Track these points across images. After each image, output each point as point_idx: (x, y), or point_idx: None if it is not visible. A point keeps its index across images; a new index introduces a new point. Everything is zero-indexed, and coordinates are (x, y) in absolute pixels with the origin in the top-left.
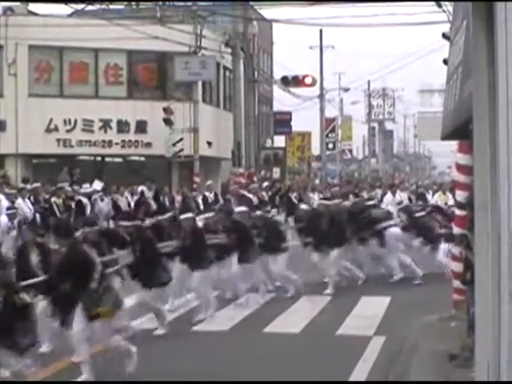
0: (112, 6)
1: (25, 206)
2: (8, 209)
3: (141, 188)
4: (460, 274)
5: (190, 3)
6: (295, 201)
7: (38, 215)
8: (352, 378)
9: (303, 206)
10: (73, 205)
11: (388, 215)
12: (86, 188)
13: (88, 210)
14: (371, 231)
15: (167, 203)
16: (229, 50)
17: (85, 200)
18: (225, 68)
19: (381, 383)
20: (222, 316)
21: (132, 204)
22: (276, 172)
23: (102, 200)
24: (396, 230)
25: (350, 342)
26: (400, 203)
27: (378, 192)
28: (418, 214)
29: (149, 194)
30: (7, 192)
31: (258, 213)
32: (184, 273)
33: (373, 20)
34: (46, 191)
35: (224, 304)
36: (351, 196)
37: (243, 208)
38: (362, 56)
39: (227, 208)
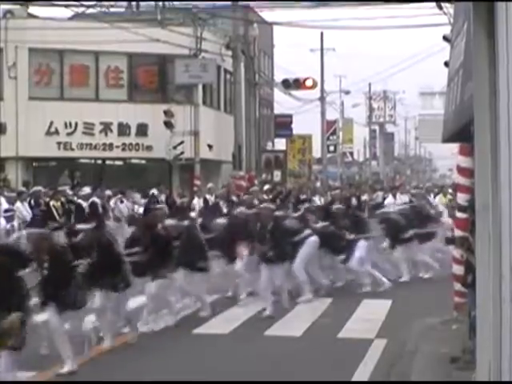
0: (112, 9)
1: (23, 209)
2: (6, 211)
3: (152, 191)
4: (461, 277)
5: (190, 5)
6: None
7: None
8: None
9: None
10: (72, 208)
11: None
12: (85, 191)
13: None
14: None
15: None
16: (229, 53)
17: (84, 203)
18: (225, 71)
19: (381, 383)
20: (223, 318)
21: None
22: (277, 175)
23: (121, 202)
24: (315, 239)
25: (351, 345)
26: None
27: (379, 194)
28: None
29: (161, 198)
30: (7, 195)
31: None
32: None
33: (373, 22)
34: (46, 194)
35: (225, 305)
36: (354, 199)
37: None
38: (363, 58)
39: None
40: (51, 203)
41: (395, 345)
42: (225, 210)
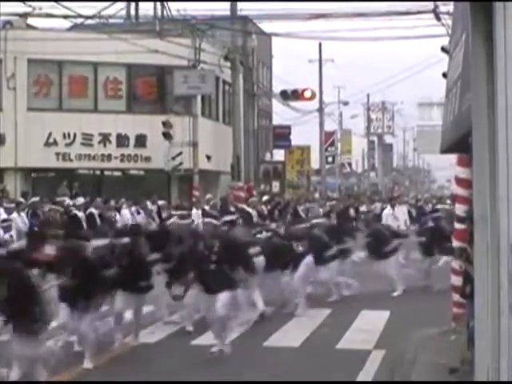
0: (111, 20)
1: (19, 221)
2: (3, 221)
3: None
4: (459, 288)
5: (189, 17)
6: (302, 214)
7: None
8: None
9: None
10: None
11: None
12: (80, 201)
13: (84, 224)
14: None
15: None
16: (228, 64)
17: (80, 214)
18: (224, 82)
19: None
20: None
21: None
22: (275, 186)
23: (138, 213)
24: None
25: (350, 355)
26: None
27: (378, 206)
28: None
29: (152, 208)
30: (6, 206)
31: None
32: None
33: (372, 33)
34: (45, 205)
35: None
36: (351, 210)
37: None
38: (361, 69)
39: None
40: (49, 214)
41: (394, 355)
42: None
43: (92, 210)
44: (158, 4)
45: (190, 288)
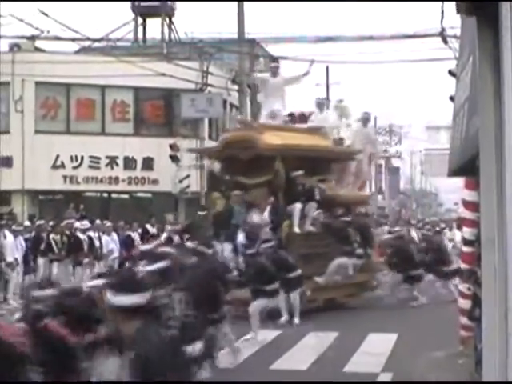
0: (119, 43)
1: (15, 243)
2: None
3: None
4: (467, 311)
5: (196, 40)
6: None
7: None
8: None
9: None
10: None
11: None
12: (84, 225)
13: (85, 246)
14: None
15: None
16: (235, 87)
17: (82, 236)
18: (231, 105)
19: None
20: (228, 353)
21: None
22: None
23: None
24: None
25: (357, 378)
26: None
27: (385, 229)
28: None
29: (153, 231)
30: (15, 229)
31: None
32: None
33: (379, 56)
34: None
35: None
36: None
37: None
38: (368, 92)
39: None
40: (51, 236)
41: (401, 378)
42: None
43: (90, 233)
44: (166, 27)
45: None
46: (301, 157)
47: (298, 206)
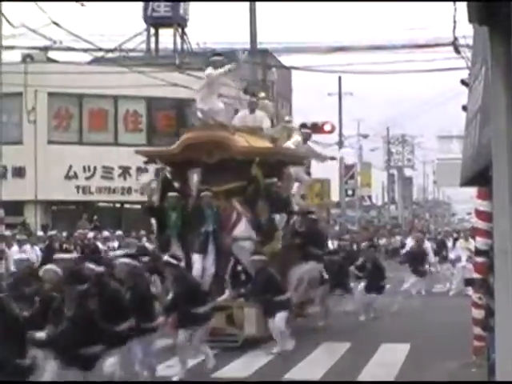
0: (131, 54)
1: (32, 253)
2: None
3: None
4: (480, 321)
5: (208, 50)
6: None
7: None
8: None
9: None
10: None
11: None
12: (106, 235)
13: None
14: None
15: None
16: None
17: (101, 246)
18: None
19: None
20: (242, 362)
21: None
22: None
23: None
24: None
25: None
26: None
27: (398, 239)
28: None
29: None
30: (19, 238)
31: None
32: None
33: (391, 66)
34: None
35: (244, 350)
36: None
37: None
38: (381, 102)
39: None
40: (64, 246)
41: None
42: None
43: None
44: (178, 37)
45: None
46: (266, 161)
47: (278, 217)
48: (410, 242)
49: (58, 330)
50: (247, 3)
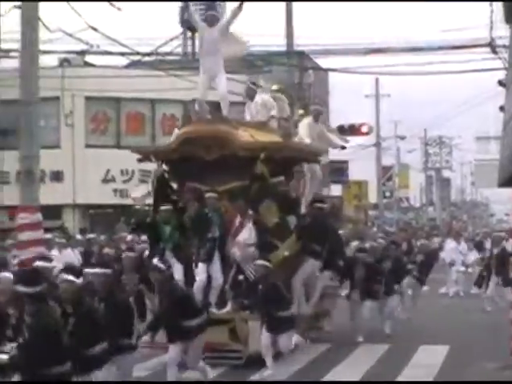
0: (168, 57)
1: (73, 257)
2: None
3: None
4: None
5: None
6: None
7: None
8: None
9: None
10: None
11: None
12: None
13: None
14: None
15: None
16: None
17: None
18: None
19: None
20: (282, 362)
21: None
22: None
23: None
24: None
25: None
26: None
27: (436, 241)
28: None
29: None
30: (58, 242)
31: None
32: None
33: (428, 68)
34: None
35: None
36: (404, 244)
37: None
38: (418, 104)
39: None
40: (105, 250)
41: None
42: None
43: None
44: None
45: None
46: (273, 157)
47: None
48: (448, 244)
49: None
50: (283, 5)
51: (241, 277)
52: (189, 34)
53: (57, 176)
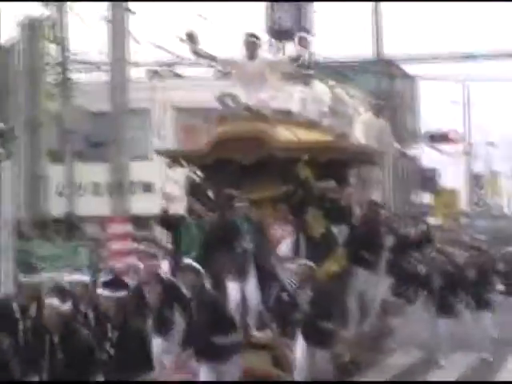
0: None
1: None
2: None
3: None
4: None
5: (333, 61)
6: None
7: None
8: None
9: None
10: None
11: None
12: None
13: None
14: None
15: None
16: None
17: None
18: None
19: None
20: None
21: None
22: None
23: None
24: None
25: None
26: None
27: None
28: None
29: None
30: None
31: None
32: None
33: None
34: None
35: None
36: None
37: None
38: (508, 110)
39: None
40: None
41: None
42: None
43: None
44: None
45: None
46: (319, 160)
47: (335, 230)
48: None
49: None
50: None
51: (285, 297)
52: (276, 42)
53: (147, 187)
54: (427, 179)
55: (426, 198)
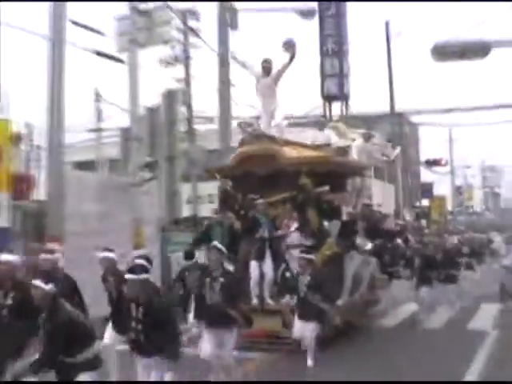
0: (307, 120)
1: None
2: None
3: None
4: None
5: (365, 115)
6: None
7: None
8: None
9: None
10: None
11: None
12: None
13: None
14: None
15: None
16: (389, 144)
17: None
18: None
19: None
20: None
21: None
22: (423, 222)
23: None
24: None
25: None
26: None
27: (495, 234)
28: None
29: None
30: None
31: None
32: None
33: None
34: None
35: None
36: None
37: None
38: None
39: None
40: None
41: None
42: None
43: None
44: (344, 108)
45: None
46: (316, 170)
47: (329, 224)
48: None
49: None
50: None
51: (288, 274)
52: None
53: None
54: (425, 190)
55: (425, 202)
